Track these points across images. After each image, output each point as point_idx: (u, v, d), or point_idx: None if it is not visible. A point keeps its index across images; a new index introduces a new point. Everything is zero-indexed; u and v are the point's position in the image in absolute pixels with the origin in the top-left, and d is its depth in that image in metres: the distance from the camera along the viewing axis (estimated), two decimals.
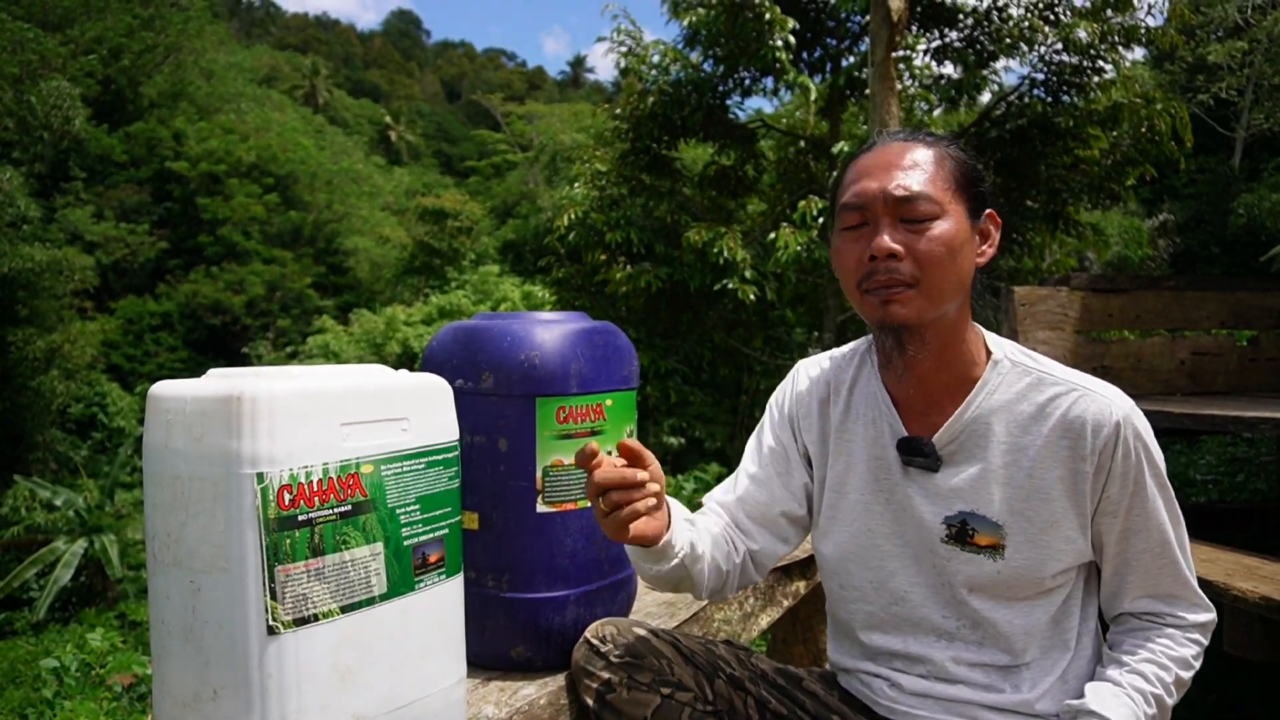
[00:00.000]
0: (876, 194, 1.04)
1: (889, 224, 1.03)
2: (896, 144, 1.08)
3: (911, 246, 1.02)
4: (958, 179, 1.06)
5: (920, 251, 1.02)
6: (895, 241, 1.02)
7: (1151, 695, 1.03)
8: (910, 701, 1.12)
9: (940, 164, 1.05)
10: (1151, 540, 1.06)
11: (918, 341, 1.06)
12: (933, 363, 1.08)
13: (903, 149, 1.07)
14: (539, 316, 1.27)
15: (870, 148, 1.11)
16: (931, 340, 1.06)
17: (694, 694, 1.16)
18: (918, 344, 1.06)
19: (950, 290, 1.04)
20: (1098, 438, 1.02)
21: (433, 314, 19.63)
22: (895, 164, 1.05)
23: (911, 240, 1.02)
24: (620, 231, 6.96)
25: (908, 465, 1.11)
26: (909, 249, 1.02)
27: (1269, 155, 19.05)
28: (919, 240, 1.02)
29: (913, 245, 1.02)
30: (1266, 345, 3.47)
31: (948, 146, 1.08)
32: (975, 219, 1.07)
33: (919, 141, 1.08)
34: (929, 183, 1.03)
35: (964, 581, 1.08)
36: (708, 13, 6.67)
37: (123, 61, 25.62)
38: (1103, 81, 6.59)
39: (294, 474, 0.86)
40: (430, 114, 48.39)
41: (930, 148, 1.07)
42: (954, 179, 1.05)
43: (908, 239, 1.02)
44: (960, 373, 1.09)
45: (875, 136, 1.15)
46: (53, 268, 16.88)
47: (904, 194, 1.02)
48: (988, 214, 1.09)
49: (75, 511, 13.06)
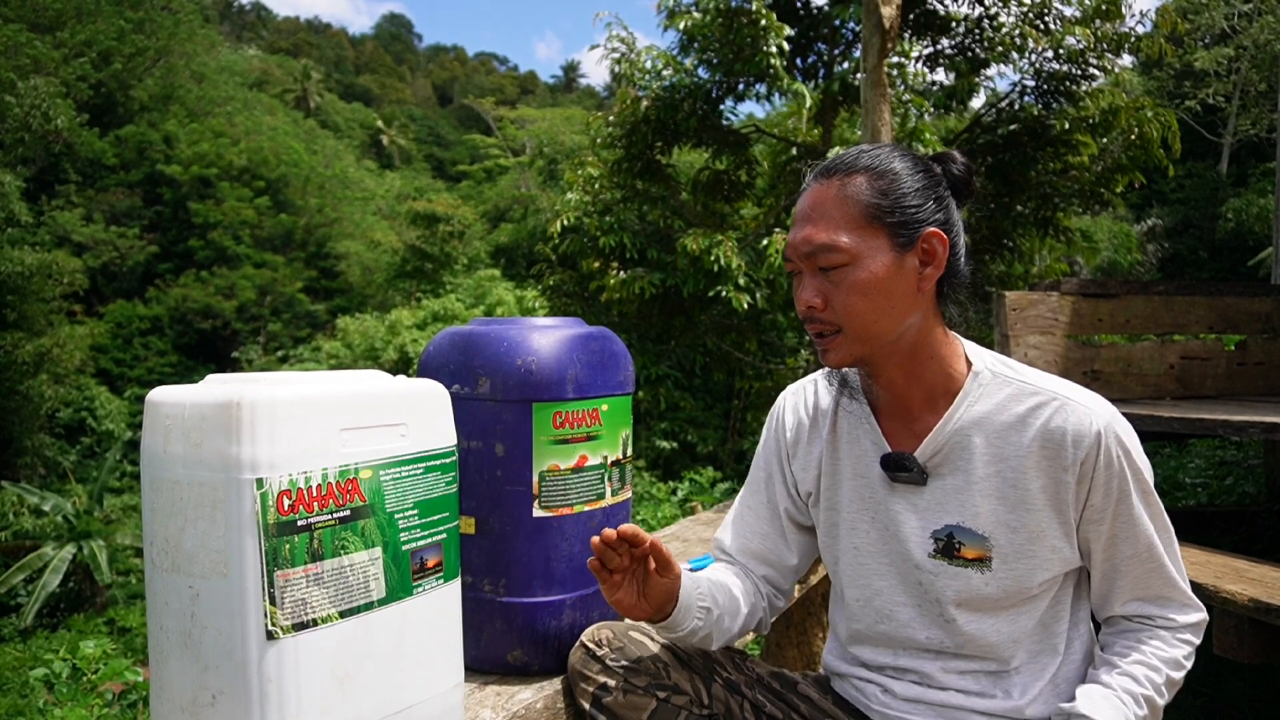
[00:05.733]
0: (793, 248, 1.06)
1: (809, 273, 1.05)
2: (816, 187, 1.06)
3: (829, 297, 1.04)
4: (870, 213, 1.02)
5: (836, 302, 1.03)
6: (816, 292, 1.04)
7: (1142, 697, 1.04)
8: (902, 707, 1.13)
9: (848, 204, 1.02)
10: (1139, 545, 1.06)
11: (875, 370, 1.10)
12: (905, 381, 1.10)
13: (815, 196, 1.05)
14: (535, 322, 1.27)
15: (803, 189, 1.10)
16: (890, 366, 1.09)
17: (690, 697, 1.17)
18: (874, 370, 1.10)
19: (880, 329, 1.04)
20: (1079, 448, 1.03)
21: (427, 318, 19.60)
22: (808, 213, 1.05)
23: (829, 290, 1.04)
24: (614, 236, 6.97)
25: (894, 481, 1.12)
26: (827, 300, 1.04)
27: (1256, 161, 19.23)
28: (836, 291, 1.03)
29: (831, 295, 1.04)
30: (1254, 350, 3.50)
31: (864, 175, 1.03)
32: (904, 247, 1.03)
33: (832, 179, 1.05)
34: (834, 230, 1.02)
35: (952, 597, 1.08)
36: (703, 18, 6.69)
37: (113, 65, 25.53)
38: (1092, 89, 6.65)
39: (293, 479, 0.86)
40: (422, 118, 48.33)
41: (842, 187, 1.03)
42: (865, 215, 1.02)
43: (826, 288, 1.04)
44: (937, 386, 1.10)
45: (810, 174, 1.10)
46: (42, 271, 16.79)
47: (809, 249, 1.04)
48: (926, 234, 1.04)
49: (64, 517, 12.98)
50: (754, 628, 1.26)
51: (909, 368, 1.09)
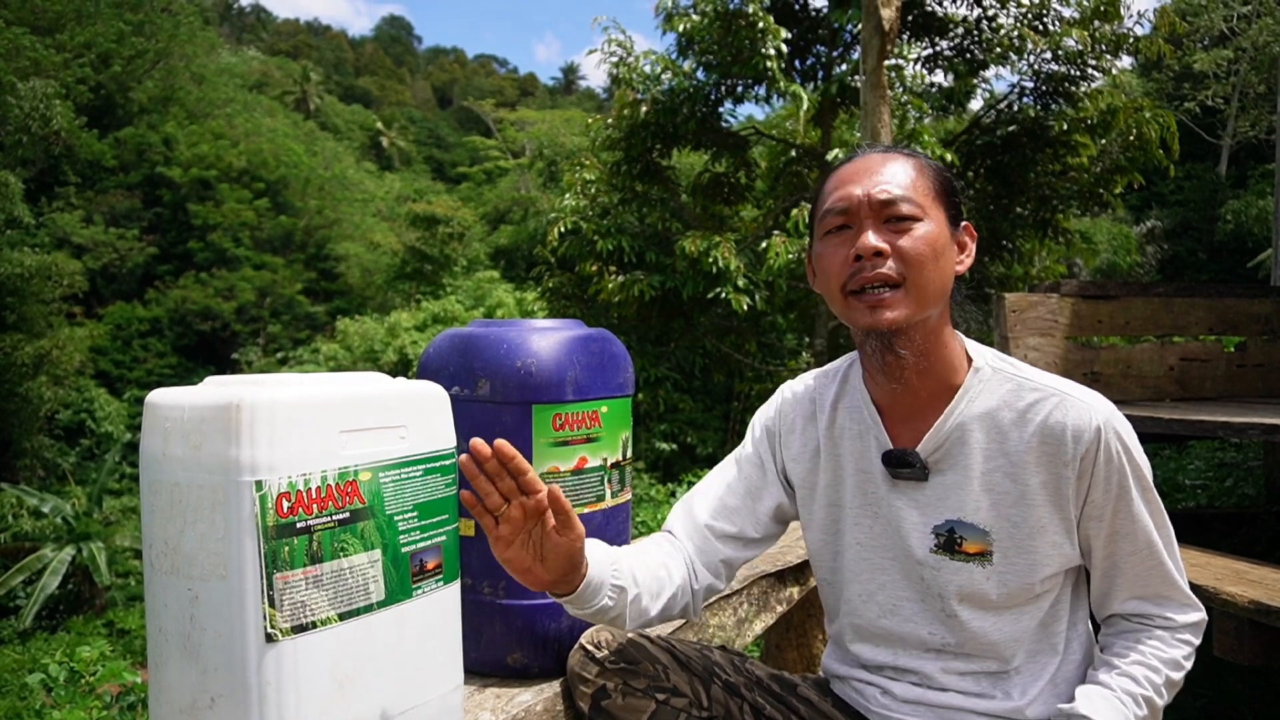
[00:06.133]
0: (860, 198, 1.06)
1: (874, 225, 1.05)
2: (877, 154, 1.11)
3: (896, 246, 1.04)
4: (937, 188, 1.08)
5: (905, 250, 1.03)
6: (881, 240, 1.04)
7: (1141, 697, 1.04)
8: (902, 709, 1.13)
9: (921, 172, 1.08)
10: (1138, 543, 1.07)
11: (906, 343, 1.06)
12: (917, 369, 1.09)
13: (883, 158, 1.10)
14: (535, 324, 1.27)
15: (849, 158, 1.13)
16: (919, 342, 1.07)
17: (689, 699, 1.17)
18: (906, 345, 1.06)
19: (934, 292, 1.05)
20: (1079, 444, 1.03)
21: (426, 320, 19.60)
22: (877, 170, 1.07)
23: (896, 240, 1.04)
24: (612, 239, 6.97)
25: (896, 478, 1.12)
26: (894, 248, 1.04)
27: (1255, 162, 19.25)
28: (903, 239, 1.04)
29: (897, 244, 1.04)
30: (1254, 351, 3.50)
31: (926, 158, 1.12)
32: (954, 227, 1.09)
33: (898, 152, 1.11)
34: (911, 187, 1.06)
35: (954, 592, 1.08)
36: (701, 20, 6.70)
37: (113, 67, 25.54)
38: (1091, 90, 6.65)
39: (292, 481, 0.86)
40: (421, 120, 48.35)
41: (910, 157, 1.10)
42: (934, 187, 1.08)
43: (892, 239, 1.04)
44: (943, 379, 1.10)
45: (856, 149, 1.17)
46: (41, 273, 16.80)
47: (887, 196, 1.04)
48: (964, 226, 1.12)
49: (63, 518, 12.97)
50: (677, 613, 1.17)
51: (925, 352, 1.08)
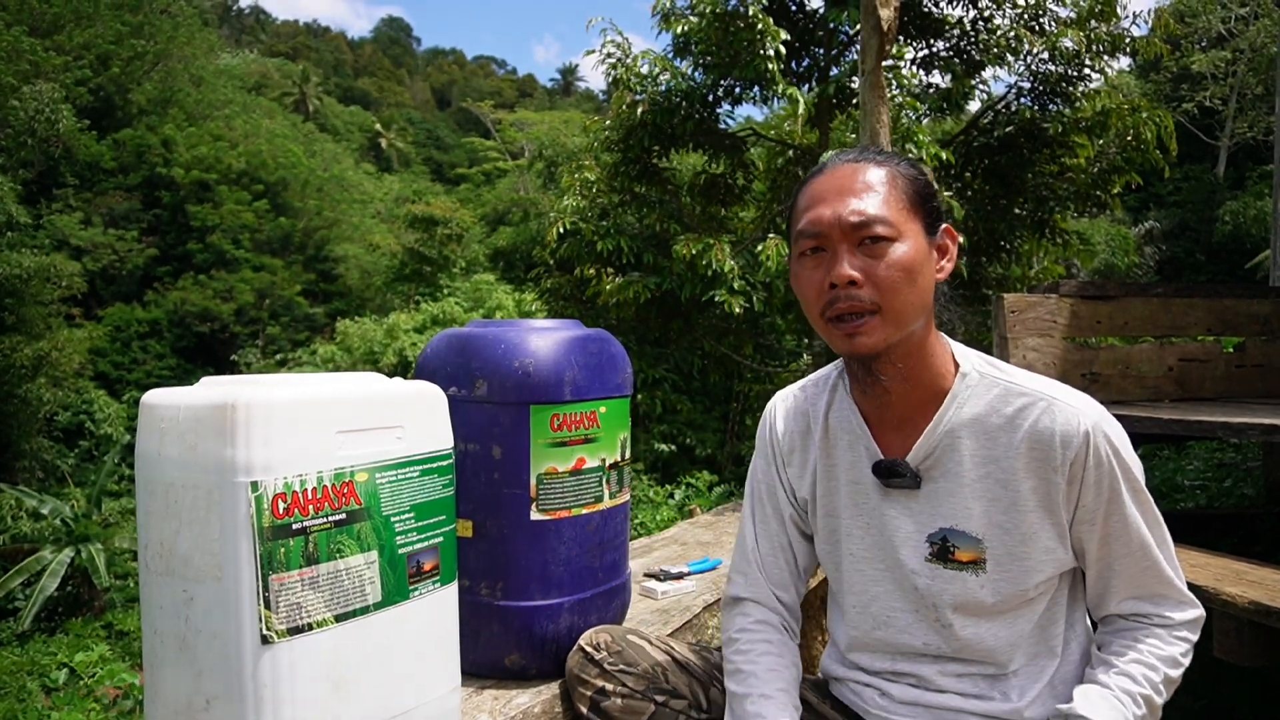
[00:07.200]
0: (832, 221, 1.02)
1: (847, 250, 1.02)
2: (847, 166, 1.06)
3: (870, 272, 1.01)
4: (911, 196, 1.04)
5: (880, 277, 1.01)
6: (854, 268, 1.01)
7: (1140, 696, 1.04)
8: (900, 710, 1.12)
9: (893, 183, 1.04)
10: (1132, 544, 1.06)
11: (887, 365, 1.06)
12: (903, 381, 1.08)
13: (854, 170, 1.05)
14: (533, 324, 1.26)
15: (821, 171, 1.09)
16: (900, 361, 1.07)
17: (689, 701, 1.17)
18: (887, 368, 1.06)
19: (913, 313, 1.03)
20: (1068, 448, 1.02)
21: (425, 322, 19.58)
22: (848, 188, 1.03)
23: (870, 266, 1.01)
24: (610, 240, 6.97)
25: (888, 487, 1.12)
26: (868, 275, 1.01)
27: (1253, 163, 19.27)
28: (878, 266, 1.01)
29: (872, 271, 1.01)
30: (1253, 351, 3.50)
31: (898, 164, 1.07)
32: (932, 235, 1.06)
33: (869, 161, 1.06)
34: (883, 205, 1.02)
35: (949, 601, 1.08)
36: (699, 21, 6.69)
37: (112, 69, 25.52)
38: (1088, 91, 6.65)
39: (288, 482, 0.85)
40: (420, 121, 48.35)
41: (881, 167, 1.05)
42: (907, 197, 1.04)
43: (866, 265, 1.01)
44: (930, 387, 1.09)
45: (826, 162, 1.11)
46: (40, 274, 16.77)
47: (859, 219, 1.01)
48: (944, 229, 1.08)
49: (62, 520, 12.95)
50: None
51: (909, 366, 1.08)
